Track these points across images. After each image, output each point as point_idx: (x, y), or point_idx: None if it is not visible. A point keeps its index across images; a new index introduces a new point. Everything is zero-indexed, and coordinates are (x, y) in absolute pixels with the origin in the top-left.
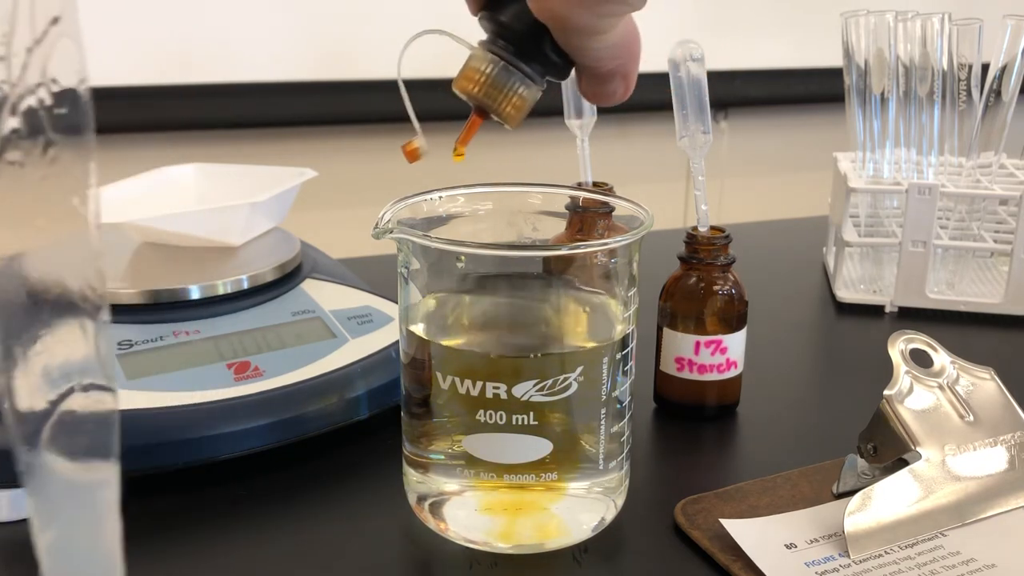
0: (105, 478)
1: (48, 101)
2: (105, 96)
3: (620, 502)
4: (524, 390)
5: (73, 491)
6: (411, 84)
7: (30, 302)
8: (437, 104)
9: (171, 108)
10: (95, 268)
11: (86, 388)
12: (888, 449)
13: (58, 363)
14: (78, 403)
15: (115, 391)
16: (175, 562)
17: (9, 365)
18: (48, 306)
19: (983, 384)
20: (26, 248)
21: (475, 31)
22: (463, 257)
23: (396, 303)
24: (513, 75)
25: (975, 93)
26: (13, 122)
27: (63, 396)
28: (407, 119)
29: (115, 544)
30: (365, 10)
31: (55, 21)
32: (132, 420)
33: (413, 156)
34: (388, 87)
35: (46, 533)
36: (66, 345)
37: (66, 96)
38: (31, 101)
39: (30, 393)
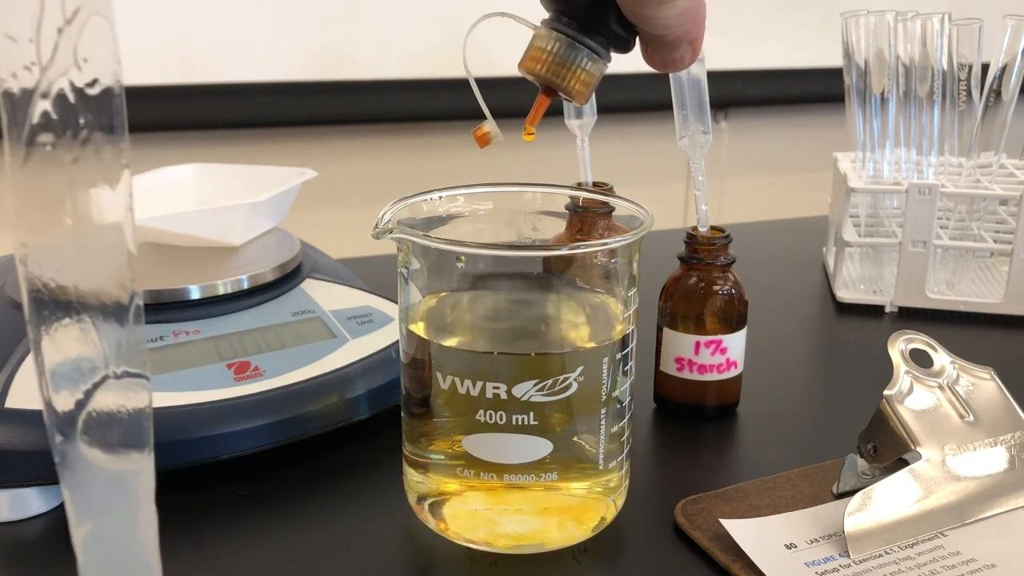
0: (140, 468)
1: (79, 83)
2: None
3: (620, 502)
4: (524, 390)
5: (108, 482)
6: (414, 84)
7: (60, 293)
8: (440, 104)
9: (171, 108)
10: (127, 256)
11: (119, 376)
12: (888, 449)
13: (92, 352)
14: (112, 392)
15: (148, 378)
16: (174, 562)
17: (41, 357)
18: (79, 297)
19: (983, 384)
20: (57, 237)
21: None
22: (463, 257)
23: (396, 303)
24: (579, 51)
25: (975, 93)
26: (45, 105)
27: (97, 385)
28: (406, 119)
29: (152, 534)
30: (365, 10)
31: None
32: None
33: (484, 141)
34: (388, 87)
35: (82, 526)
36: (99, 334)
37: (97, 77)
38: (62, 84)
39: (64, 382)
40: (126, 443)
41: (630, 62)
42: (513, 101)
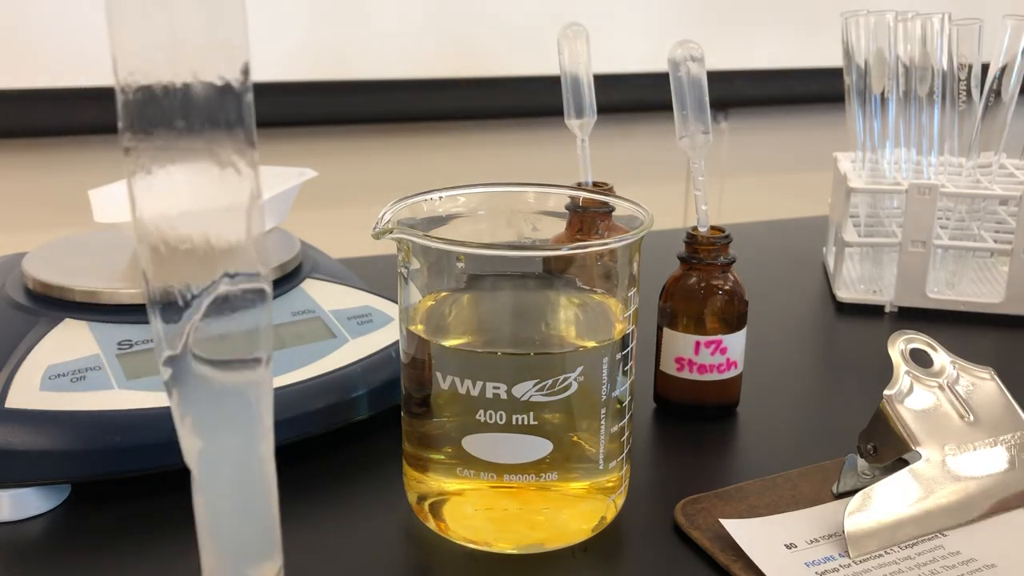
0: (258, 379)
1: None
2: (104, 96)
3: (620, 502)
4: (524, 390)
5: (223, 395)
6: (414, 84)
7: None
8: (440, 104)
9: None
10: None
11: (233, 276)
12: (888, 449)
13: (204, 251)
14: (226, 297)
15: (268, 282)
16: (174, 562)
17: (148, 279)
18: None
19: (983, 384)
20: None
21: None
22: (463, 257)
23: (396, 303)
24: None
25: (975, 93)
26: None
27: (207, 289)
28: (406, 119)
29: (269, 451)
30: (366, 10)
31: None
32: (132, 420)
33: None
34: (388, 87)
35: (195, 440)
36: (219, 228)
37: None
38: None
39: (172, 293)
40: (242, 352)
41: (630, 62)
42: (511, 101)
